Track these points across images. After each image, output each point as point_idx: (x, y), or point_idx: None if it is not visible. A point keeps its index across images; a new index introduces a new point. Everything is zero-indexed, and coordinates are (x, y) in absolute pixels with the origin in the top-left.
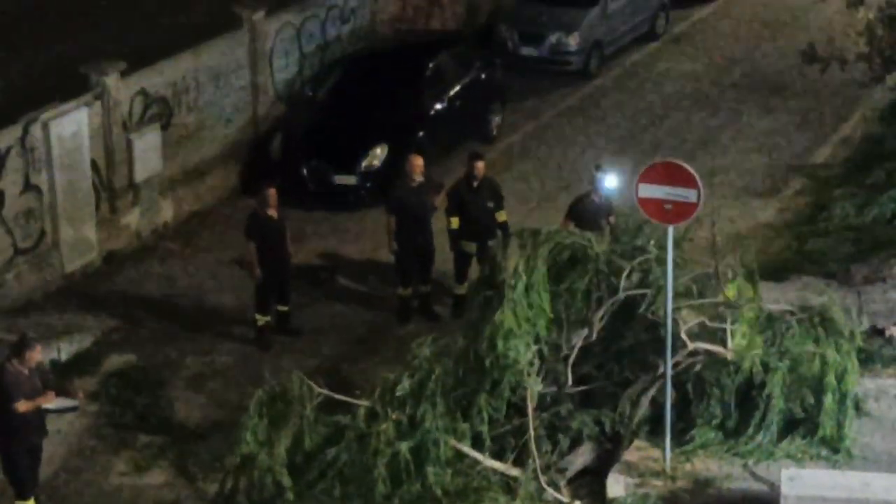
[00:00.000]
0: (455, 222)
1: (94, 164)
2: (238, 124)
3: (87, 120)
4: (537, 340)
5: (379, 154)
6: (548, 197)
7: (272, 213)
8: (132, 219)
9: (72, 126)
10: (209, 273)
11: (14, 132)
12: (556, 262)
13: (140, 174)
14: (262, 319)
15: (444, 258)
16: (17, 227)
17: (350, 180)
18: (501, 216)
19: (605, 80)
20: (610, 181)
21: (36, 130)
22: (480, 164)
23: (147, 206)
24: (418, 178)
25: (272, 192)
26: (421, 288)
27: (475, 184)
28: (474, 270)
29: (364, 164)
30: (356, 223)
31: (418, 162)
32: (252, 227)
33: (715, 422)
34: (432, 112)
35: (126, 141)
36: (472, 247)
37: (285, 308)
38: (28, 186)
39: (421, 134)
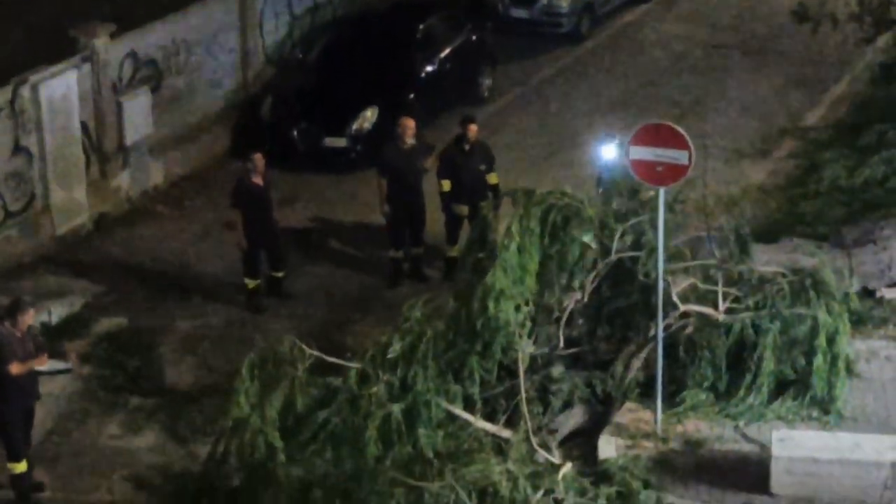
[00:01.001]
0: (446, 185)
1: (83, 127)
2: (228, 87)
3: (77, 82)
4: (529, 302)
5: (369, 117)
6: (538, 159)
7: (258, 180)
8: (122, 182)
9: (61, 88)
10: (200, 236)
11: (3, 94)
12: (549, 223)
13: (130, 137)
14: (251, 283)
15: (435, 221)
16: (7, 189)
17: (340, 143)
18: (493, 179)
19: (597, 42)
20: (607, 152)
21: (25, 92)
22: (473, 128)
23: (137, 168)
24: (410, 140)
25: (258, 158)
26: (413, 250)
27: (467, 147)
28: (466, 233)
29: (354, 126)
30: (347, 186)
31: (410, 124)
32: (238, 194)
33: (706, 383)
34: (423, 74)
35: (116, 103)
36: (463, 209)
37: (279, 274)
38: (18, 149)
39: (411, 96)
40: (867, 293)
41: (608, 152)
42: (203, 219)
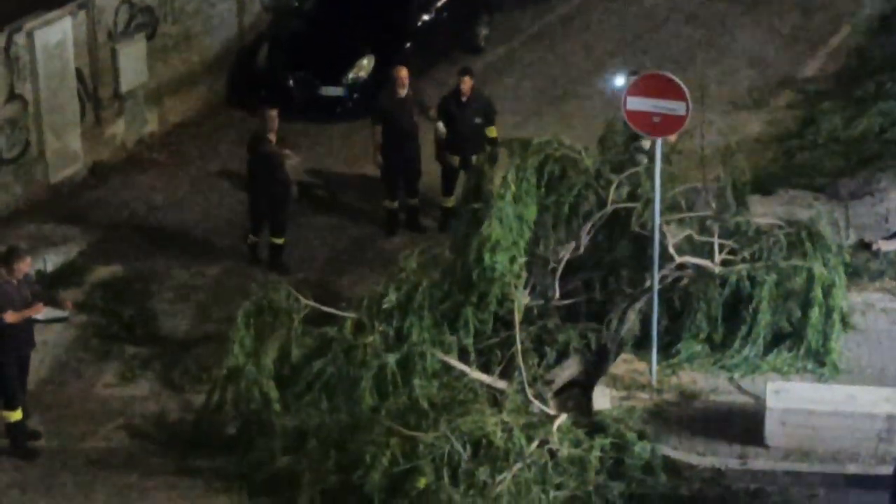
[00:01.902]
0: (441, 127)
1: (79, 74)
2: (224, 35)
3: (72, 29)
4: (524, 253)
5: (365, 65)
6: (534, 109)
7: (271, 136)
8: (117, 129)
9: (56, 35)
10: (195, 184)
11: None
12: (545, 173)
13: (125, 84)
14: (252, 239)
15: (431, 172)
16: (3, 136)
17: (336, 91)
18: (492, 132)
19: None
20: (619, 80)
21: (20, 39)
22: (468, 79)
23: (132, 116)
24: (403, 90)
25: (272, 115)
26: (409, 201)
27: (463, 98)
28: (462, 184)
29: (350, 75)
30: (343, 135)
31: (403, 73)
32: (251, 149)
33: (701, 335)
34: (419, 23)
35: (111, 51)
36: (456, 160)
37: (279, 241)
38: (12, 96)
39: (408, 45)
40: (863, 245)
41: (619, 80)
42: (199, 167)
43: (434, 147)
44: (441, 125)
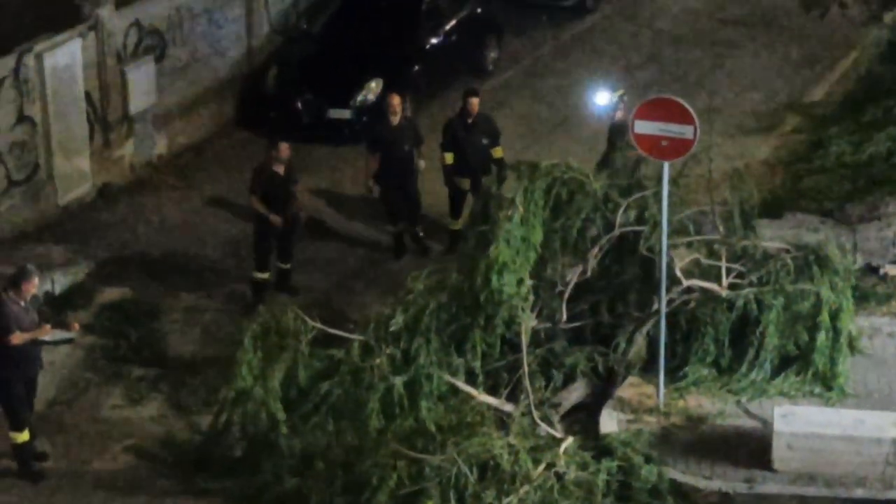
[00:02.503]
0: (449, 158)
1: (87, 96)
2: (233, 57)
3: (81, 51)
4: (532, 276)
5: (374, 88)
6: (543, 131)
7: (279, 168)
8: (126, 151)
9: (66, 57)
10: (204, 206)
11: (7, 63)
12: (553, 196)
13: (134, 106)
14: (259, 276)
15: (439, 194)
16: (11, 158)
17: (344, 114)
18: (498, 152)
19: (602, 15)
20: (601, 98)
21: (30, 62)
22: (475, 101)
23: (141, 138)
24: (396, 117)
25: (284, 148)
26: (412, 230)
27: (469, 120)
28: (470, 207)
29: (359, 98)
30: (350, 157)
31: (395, 101)
32: (257, 179)
33: (709, 359)
34: (428, 46)
35: (120, 73)
36: (465, 183)
37: (286, 266)
38: (22, 118)
39: (416, 68)
40: (871, 269)
41: (602, 98)
42: (207, 189)
43: (442, 173)
44: (449, 155)
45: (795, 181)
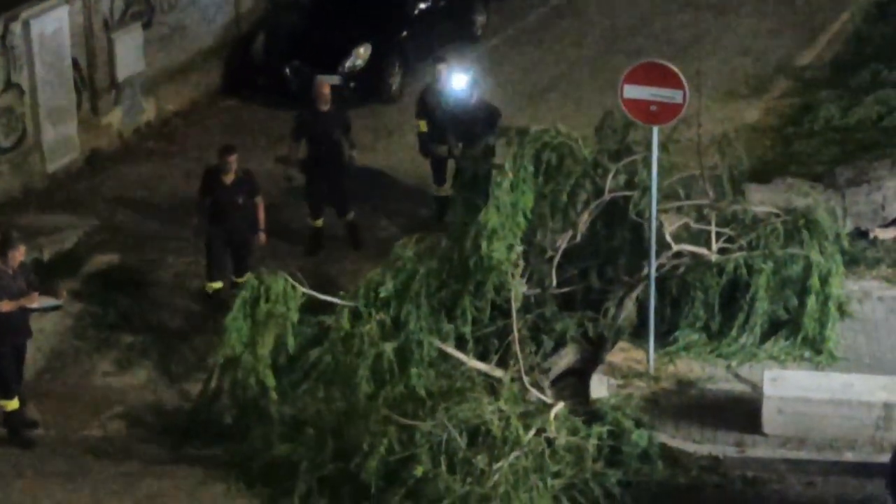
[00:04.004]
0: (423, 125)
1: (75, 63)
2: (220, 24)
3: (69, 18)
4: (521, 241)
5: (362, 54)
6: (533, 97)
7: (227, 178)
8: (114, 118)
9: (53, 24)
10: (191, 173)
11: None
12: (543, 161)
13: (122, 73)
14: (212, 286)
15: (423, 163)
16: None
17: (333, 80)
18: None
19: None
20: (458, 80)
21: (16, 28)
22: (444, 68)
23: (129, 105)
24: (325, 105)
25: (232, 160)
26: (343, 219)
27: (440, 87)
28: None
29: (347, 64)
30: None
31: (325, 90)
32: (205, 186)
33: (698, 323)
34: (416, 12)
35: (107, 40)
36: (442, 149)
37: (242, 280)
38: (9, 85)
39: (404, 34)
40: (860, 234)
41: (458, 81)
42: (195, 156)
43: (417, 142)
44: (422, 122)
45: (785, 145)
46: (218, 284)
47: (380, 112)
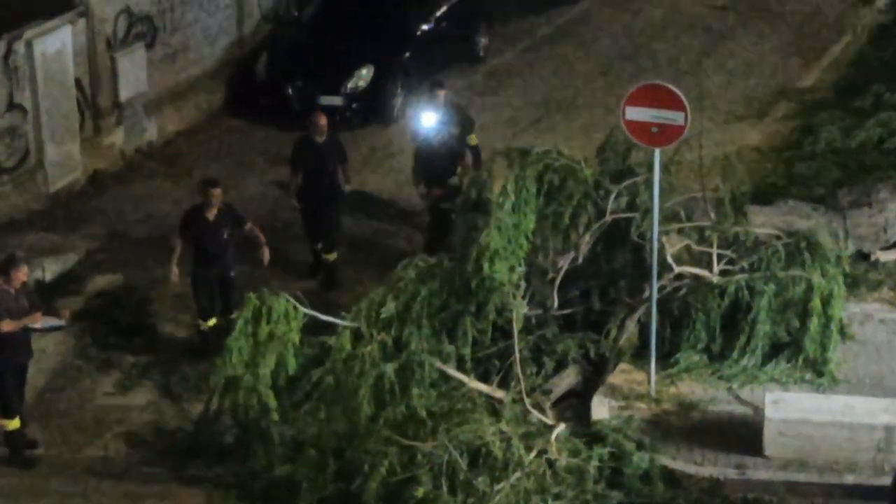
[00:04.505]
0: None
1: (78, 83)
2: (223, 44)
3: (72, 38)
4: (523, 262)
5: (365, 75)
6: (534, 119)
7: (209, 214)
8: (116, 138)
9: (56, 44)
10: (194, 193)
11: None
12: (544, 183)
13: (125, 93)
14: (204, 324)
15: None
16: (1, 145)
17: (335, 101)
18: (472, 140)
19: (593, 2)
20: (427, 119)
21: (19, 48)
22: (441, 93)
23: (132, 125)
24: (321, 137)
25: (216, 194)
26: (324, 256)
27: (439, 110)
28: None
29: (350, 84)
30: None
31: (322, 121)
32: (185, 223)
33: (700, 345)
34: (419, 33)
35: (111, 60)
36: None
37: (228, 317)
38: (11, 105)
39: (407, 55)
40: (862, 256)
41: (428, 119)
42: (197, 176)
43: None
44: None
45: (786, 167)
46: (213, 321)
47: (381, 133)
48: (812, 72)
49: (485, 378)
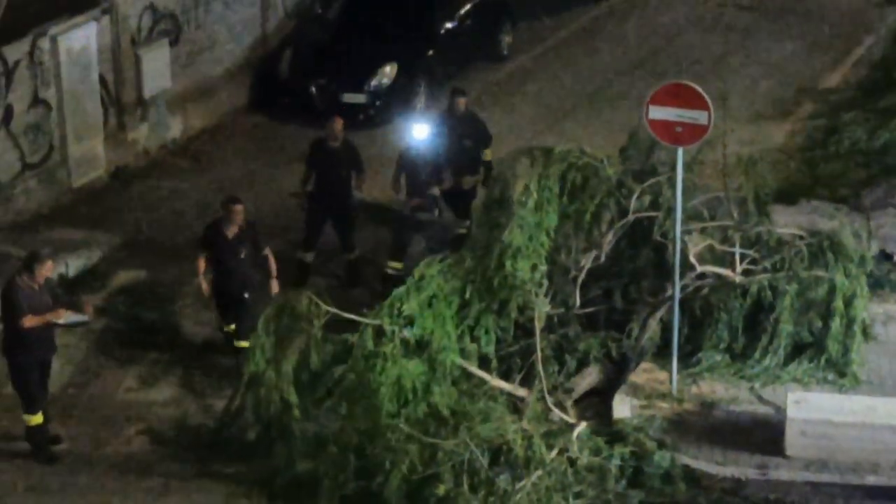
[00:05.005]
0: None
1: (102, 80)
2: (247, 41)
3: (96, 35)
4: (545, 261)
5: (388, 72)
6: (558, 117)
7: (231, 231)
8: (140, 135)
9: (80, 40)
10: (216, 189)
11: (23, 46)
12: (567, 181)
13: (148, 90)
14: (227, 327)
15: None
16: (26, 141)
17: (359, 99)
18: (486, 155)
19: (617, 0)
20: (419, 131)
21: (44, 44)
22: (461, 101)
23: (155, 121)
24: (336, 142)
25: (238, 210)
26: (346, 256)
27: (453, 119)
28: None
29: (373, 82)
30: (363, 142)
31: (338, 126)
32: (206, 238)
33: (722, 345)
34: (442, 31)
35: (135, 56)
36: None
37: (242, 345)
38: (36, 101)
39: (430, 53)
40: (885, 257)
41: (419, 132)
42: (220, 172)
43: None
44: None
45: (810, 167)
46: (234, 326)
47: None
48: (837, 72)
49: (506, 376)
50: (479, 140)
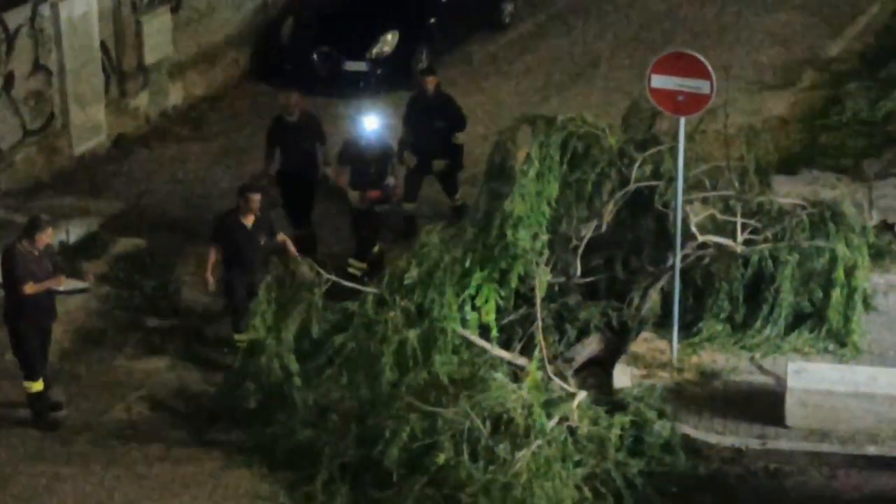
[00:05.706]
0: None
1: (103, 46)
2: (249, 8)
3: (97, 1)
4: (546, 230)
5: (390, 40)
6: (559, 85)
7: (247, 220)
8: (141, 102)
9: (81, 7)
10: (218, 157)
11: (23, 12)
12: (569, 150)
13: (149, 57)
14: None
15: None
16: (27, 108)
17: (360, 66)
18: (457, 139)
19: None
20: (370, 122)
21: (45, 11)
22: (430, 80)
23: (156, 89)
24: (290, 116)
25: (255, 199)
26: (298, 231)
27: (425, 100)
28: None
29: (375, 50)
30: (366, 110)
31: (288, 100)
32: (218, 229)
33: (723, 315)
34: None
35: (136, 23)
36: (411, 160)
37: (242, 339)
38: (37, 67)
39: (432, 21)
40: (887, 227)
41: (371, 123)
42: (221, 140)
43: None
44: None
45: (812, 137)
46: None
47: (406, 99)
48: (839, 41)
49: (507, 345)
50: (451, 122)
